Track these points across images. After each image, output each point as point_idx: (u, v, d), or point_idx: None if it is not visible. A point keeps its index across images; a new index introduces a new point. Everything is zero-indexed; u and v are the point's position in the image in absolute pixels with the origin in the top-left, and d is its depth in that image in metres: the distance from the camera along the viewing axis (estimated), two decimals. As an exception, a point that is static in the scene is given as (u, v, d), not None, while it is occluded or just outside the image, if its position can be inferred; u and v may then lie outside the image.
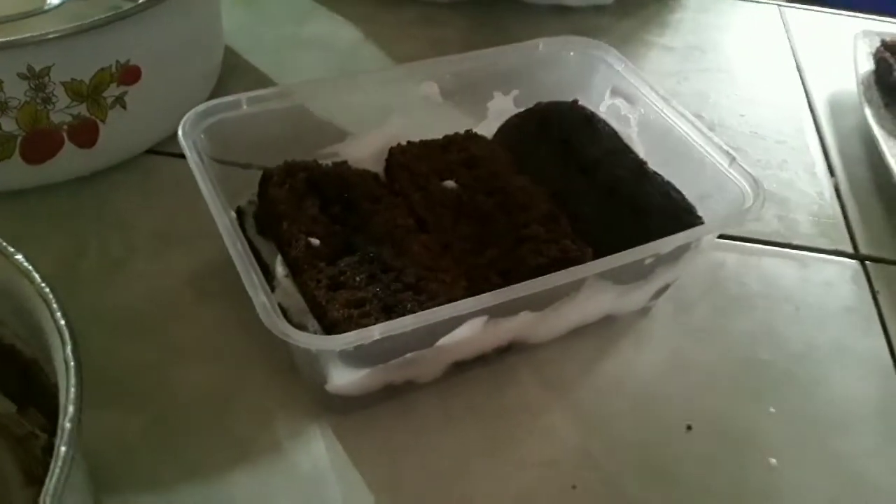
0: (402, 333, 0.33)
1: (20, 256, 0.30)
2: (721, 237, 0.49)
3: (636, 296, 0.42)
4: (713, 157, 0.43)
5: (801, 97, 0.63)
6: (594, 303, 0.41)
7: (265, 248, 0.40)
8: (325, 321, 0.36)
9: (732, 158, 0.42)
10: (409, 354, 0.36)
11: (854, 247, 0.50)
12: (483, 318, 0.36)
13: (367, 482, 0.35)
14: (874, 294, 0.47)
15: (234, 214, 0.41)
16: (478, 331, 0.36)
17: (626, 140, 0.47)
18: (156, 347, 0.40)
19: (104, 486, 0.33)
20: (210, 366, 0.39)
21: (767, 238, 0.50)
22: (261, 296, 0.32)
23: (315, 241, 0.39)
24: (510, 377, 0.40)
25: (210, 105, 0.41)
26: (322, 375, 0.35)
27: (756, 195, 0.40)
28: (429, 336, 0.35)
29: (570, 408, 0.39)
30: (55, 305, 0.28)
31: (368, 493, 0.35)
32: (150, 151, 0.50)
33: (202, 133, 0.40)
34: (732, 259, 0.49)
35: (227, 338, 0.40)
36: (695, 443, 0.39)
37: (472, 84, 0.48)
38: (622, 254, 0.37)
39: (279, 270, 0.38)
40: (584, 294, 0.39)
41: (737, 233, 0.50)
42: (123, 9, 0.43)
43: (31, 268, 0.29)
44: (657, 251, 0.38)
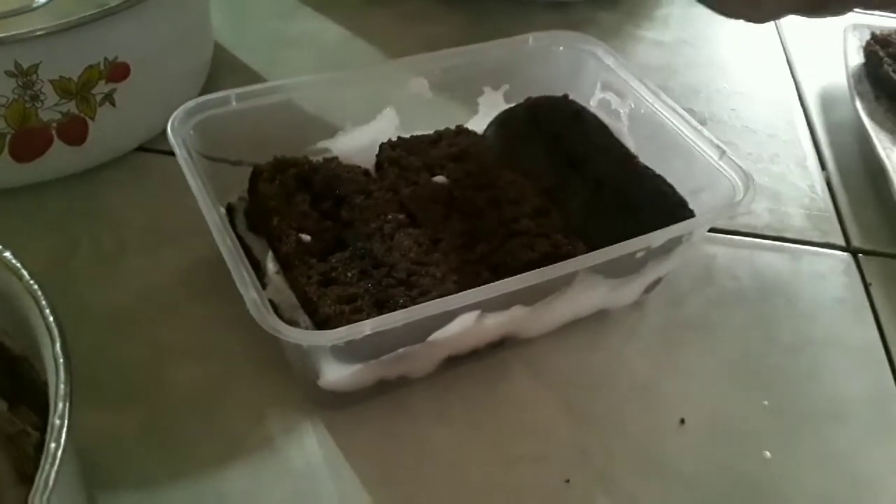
0: (394, 328, 0.33)
1: (8, 254, 0.29)
2: (713, 231, 0.49)
3: (628, 290, 0.42)
4: (704, 151, 0.43)
5: (792, 91, 0.63)
6: (586, 297, 0.41)
7: (256, 245, 0.40)
8: (317, 317, 0.35)
9: (723, 152, 0.42)
10: (402, 350, 0.36)
11: (846, 239, 0.51)
12: (475, 313, 0.36)
13: (360, 477, 0.35)
14: (866, 286, 0.48)
15: (225, 211, 0.41)
16: (470, 325, 0.36)
17: (617, 134, 0.47)
18: (147, 344, 0.40)
19: (96, 483, 0.33)
20: (202, 362, 0.39)
21: (759, 231, 0.50)
22: (251, 292, 0.32)
23: (306, 237, 0.39)
24: (503, 372, 0.40)
25: (199, 102, 0.41)
26: (314, 371, 0.35)
27: (747, 188, 0.40)
28: (420, 331, 0.35)
29: (563, 402, 0.39)
30: (44, 302, 0.28)
31: (361, 489, 0.35)
32: (141, 149, 0.50)
33: (191, 130, 0.40)
34: (724, 252, 0.49)
35: (219, 334, 0.40)
36: (688, 437, 0.39)
37: (463, 79, 0.48)
38: (613, 247, 0.37)
39: (270, 267, 0.38)
40: (576, 288, 0.39)
41: (728, 226, 0.50)
42: (111, 5, 0.43)
43: (20, 265, 0.29)
44: (648, 244, 0.38)
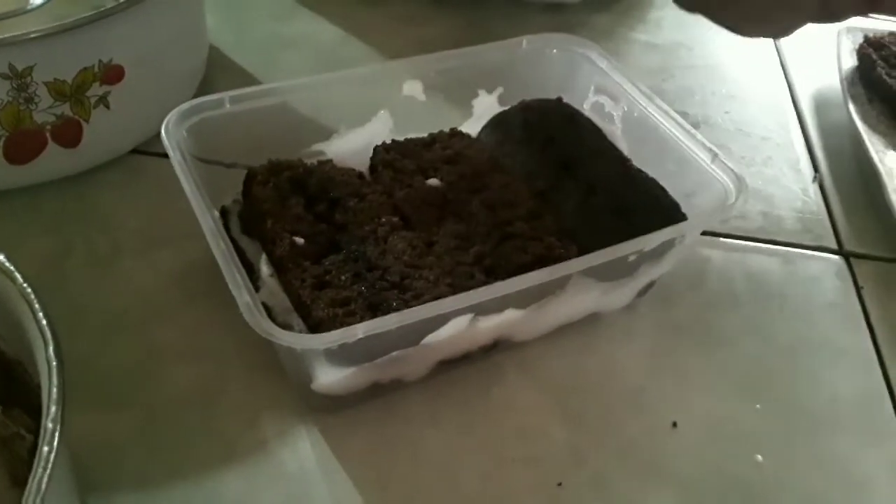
0: (387, 332, 0.33)
1: (2, 257, 0.29)
2: (706, 234, 0.49)
3: (621, 293, 0.43)
4: (696, 154, 0.43)
5: (786, 93, 0.63)
6: (579, 300, 0.41)
7: (250, 248, 0.40)
8: (310, 320, 0.36)
9: (715, 155, 0.42)
10: (395, 353, 0.36)
11: (838, 242, 0.51)
12: (468, 316, 0.36)
13: (354, 481, 0.35)
14: (858, 289, 0.48)
15: (219, 214, 0.41)
16: (463, 329, 0.36)
17: (610, 137, 0.47)
18: (141, 347, 0.40)
19: (90, 487, 0.33)
20: (196, 365, 0.39)
21: (752, 234, 0.50)
22: (244, 295, 0.32)
23: (299, 240, 0.39)
24: (496, 375, 0.40)
25: (193, 104, 0.41)
26: (308, 374, 0.35)
27: (739, 191, 0.40)
28: (414, 334, 0.35)
29: (556, 405, 0.40)
30: (37, 306, 0.28)
31: (355, 492, 0.35)
32: (135, 151, 0.50)
33: (185, 132, 0.40)
34: (717, 256, 0.49)
35: (213, 337, 0.40)
36: (680, 440, 0.39)
37: (457, 82, 0.48)
38: (606, 250, 0.37)
39: (264, 269, 0.38)
40: (569, 291, 0.39)
41: (721, 229, 0.50)
42: (106, 7, 0.43)
43: (13, 268, 0.29)
44: (641, 248, 0.38)
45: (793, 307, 0.46)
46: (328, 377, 0.35)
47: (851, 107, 0.57)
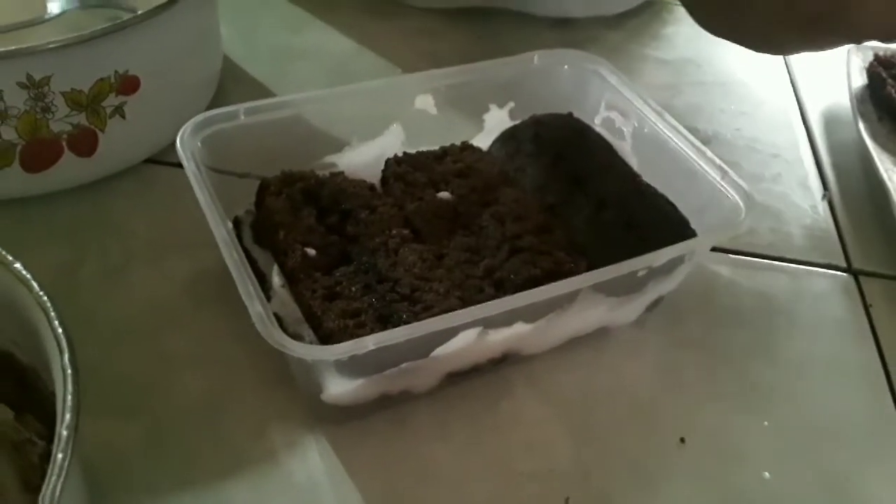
0: (397, 344, 0.33)
1: (19, 265, 0.30)
2: (715, 250, 0.49)
3: (630, 308, 0.43)
4: (706, 171, 0.43)
5: (796, 111, 0.64)
6: (588, 315, 0.41)
7: (262, 258, 0.40)
8: (321, 331, 0.36)
9: (724, 172, 0.42)
10: (404, 365, 0.36)
11: (847, 260, 0.51)
12: (477, 329, 0.36)
13: (362, 492, 0.36)
14: (867, 307, 0.48)
15: (231, 224, 0.41)
16: (472, 341, 0.37)
17: (621, 152, 0.48)
18: (153, 356, 0.40)
19: (100, 494, 0.34)
20: (207, 374, 0.39)
21: (761, 251, 0.51)
22: (256, 305, 0.33)
23: (311, 252, 0.39)
24: (505, 388, 0.41)
25: (208, 115, 0.41)
26: (318, 385, 0.35)
27: (748, 208, 0.41)
28: (423, 347, 0.36)
29: (564, 419, 0.40)
30: (53, 314, 0.28)
31: (363, 503, 0.35)
32: (149, 160, 0.50)
33: (200, 143, 0.40)
34: (726, 272, 0.49)
35: (224, 347, 0.40)
36: (688, 456, 0.39)
37: (468, 96, 0.48)
38: (615, 266, 0.37)
39: (275, 280, 0.39)
40: (578, 306, 0.39)
41: (730, 246, 0.50)
42: (123, 19, 0.44)
43: (30, 276, 0.30)
44: (650, 263, 0.38)
45: (801, 324, 0.46)
46: (338, 388, 0.35)
47: (861, 125, 0.57)
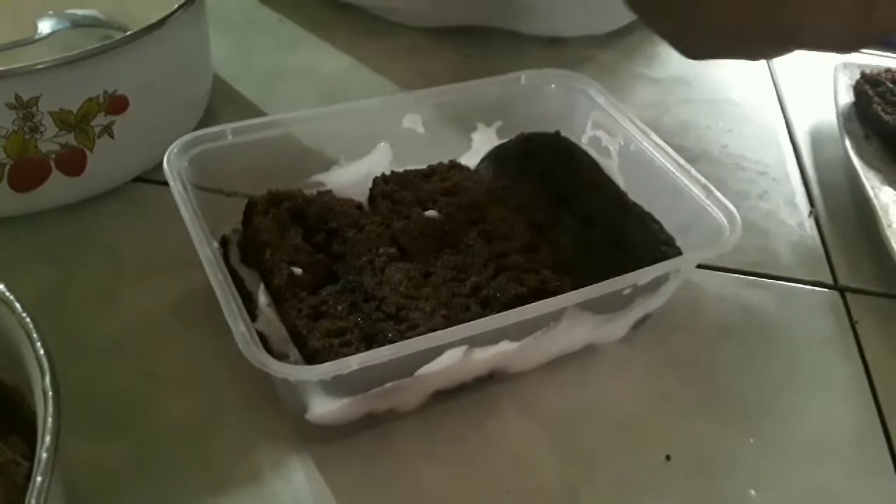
0: (382, 363, 0.34)
1: (2, 286, 0.30)
2: (701, 267, 0.50)
3: (616, 326, 0.43)
4: (691, 189, 0.44)
5: (783, 129, 0.64)
6: (574, 333, 0.41)
7: (249, 277, 0.41)
8: (306, 350, 0.36)
9: (709, 191, 0.43)
10: (389, 384, 0.36)
11: (833, 277, 0.51)
12: (463, 348, 0.36)
13: (346, 511, 0.36)
14: (853, 324, 0.48)
15: (218, 244, 0.41)
16: (457, 360, 0.37)
17: (607, 171, 0.48)
18: (138, 375, 0.40)
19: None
20: (193, 394, 0.39)
21: (748, 268, 0.51)
22: (240, 325, 0.33)
23: (297, 271, 0.39)
24: (491, 406, 0.41)
25: (195, 136, 0.41)
26: (302, 405, 0.35)
27: (732, 227, 0.41)
28: (408, 366, 0.36)
29: (551, 437, 0.40)
30: (35, 335, 0.28)
31: (347, 523, 0.35)
32: (138, 179, 0.50)
33: (187, 162, 0.41)
34: (712, 289, 0.49)
35: (211, 366, 0.40)
36: (674, 473, 0.39)
37: (456, 115, 0.49)
38: (601, 284, 0.37)
39: (261, 299, 0.39)
40: (564, 324, 0.39)
41: (717, 263, 0.50)
42: (113, 39, 0.44)
43: (13, 297, 0.30)
44: (635, 282, 0.39)
45: (788, 341, 0.46)
46: (322, 408, 0.35)
47: (848, 142, 0.57)
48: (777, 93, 0.68)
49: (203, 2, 0.52)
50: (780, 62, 0.72)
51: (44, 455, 0.25)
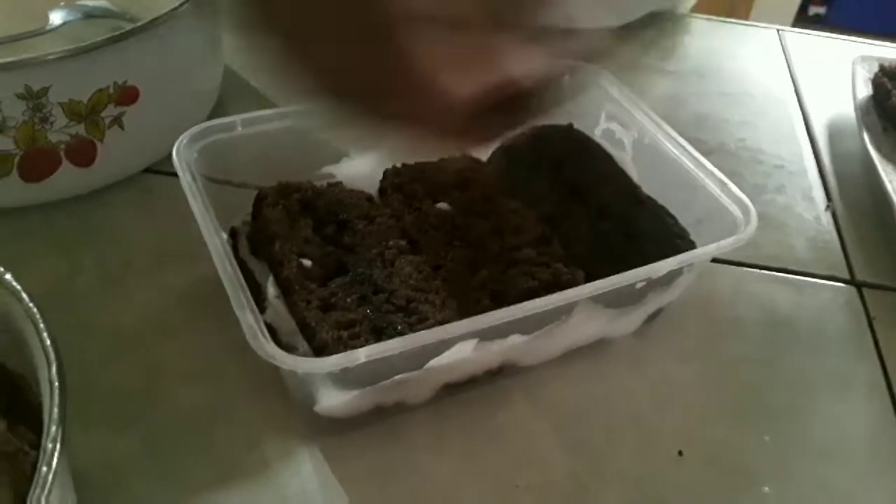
0: (391, 356, 0.33)
1: (9, 276, 0.30)
2: (716, 261, 0.49)
3: (629, 320, 0.42)
4: (706, 182, 0.43)
5: (800, 122, 0.63)
6: (586, 327, 0.40)
7: (258, 269, 0.40)
8: (315, 342, 0.36)
9: (724, 184, 0.42)
10: (399, 376, 0.36)
11: (850, 272, 0.50)
12: (473, 341, 0.36)
13: (355, 504, 0.35)
14: (870, 320, 0.47)
15: (227, 235, 0.41)
16: (468, 353, 0.36)
17: (621, 164, 0.47)
18: (148, 367, 0.40)
19: (91, 505, 0.33)
20: (200, 385, 0.39)
21: (763, 262, 0.50)
22: (248, 317, 0.32)
23: (307, 263, 0.39)
24: (501, 400, 0.40)
25: (205, 127, 0.41)
26: (311, 397, 0.35)
27: (747, 221, 0.40)
28: (417, 358, 0.35)
29: (561, 431, 0.39)
30: (42, 325, 0.28)
31: (356, 516, 0.35)
32: (148, 170, 0.50)
33: (197, 153, 0.40)
34: (727, 283, 0.48)
35: (220, 358, 0.40)
36: (686, 469, 0.38)
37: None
38: (614, 277, 0.37)
39: (270, 291, 0.39)
40: (576, 318, 0.39)
41: (732, 257, 0.50)
42: (123, 30, 0.44)
43: (20, 287, 0.30)
44: (649, 275, 0.38)
45: (803, 336, 0.46)
46: (331, 400, 0.35)
47: (866, 136, 0.57)
48: (794, 86, 0.67)
49: (214, -8, 0.52)
50: (798, 55, 0.71)
51: (49, 445, 0.25)
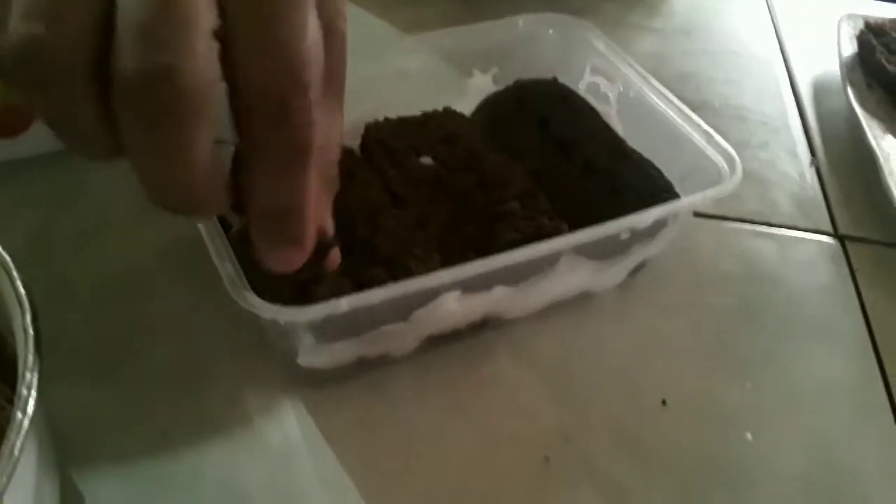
0: (374, 306, 0.33)
1: (-19, 227, 0.29)
2: (700, 216, 0.49)
3: (613, 272, 0.42)
4: (692, 135, 0.43)
5: (785, 79, 0.63)
6: (570, 278, 0.40)
7: (237, 222, 0.40)
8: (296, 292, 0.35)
9: (710, 136, 0.42)
10: (383, 328, 0.36)
11: (834, 226, 0.50)
12: (457, 292, 0.36)
13: (339, 457, 0.35)
14: (853, 273, 0.47)
15: (207, 189, 0.40)
16: (452, 305, 0.36)
17: (606, 118, 0.47)
18: (126, 323, 0.39)
19: (72, 459, 0.33)
20: (180, 341, 0.39)
21: (747, 217, 0.50)
22: (228, 266, 0.32)
23: (287, 216, 0.38)
24: (486, 352, 0.40)
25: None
26: (293, 349, 0.35)
27: (732, 171, 0.40)
28: (401, 309, 0.35)
29: (545, 383, 0.39)
30: (15, 273, 0.28)
31: (340, 469, 0.35)
32: (125, 127, 0.49)
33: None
34: (711, 238, 0.48)
35: (200, 313, 0.40)
36: (669, 418, 0.39)
37: (451, 61, 0.48)
38: (597, 228, 0.37)
39: (251, 245, 0.38)
40: (560, 269, 0.39)
41: (716, 212, 0.50)
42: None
43: (-8, 240, 0.29)
44: (633, 225, 0.38)
45: (787, 289, 0.46)
46: (314, 352, 0.35)
47: (850, 92, 0.57)
48: (780, 44, 0.67)
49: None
50: (784, 13, 0.71)
51: (24, 392, 0.25)
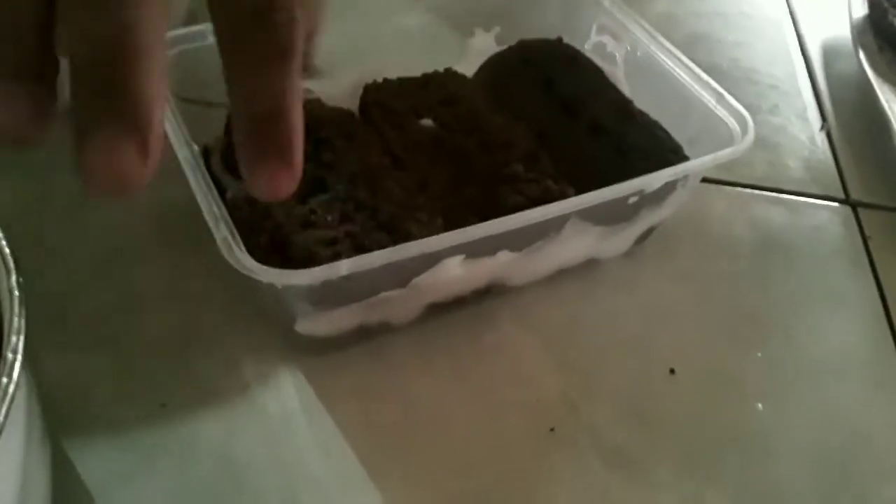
0: (374, 271, 0.32)
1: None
2: (709, 181, 0.48)
3: (620, 238, 0.41)
4: (701, 96, 0.41)
5: (795, 43, 0.61)
6: (576, 244, 0.39)
7: (233, 186, 0.38)
8: (294, 254, 0.34)
9: (720, 95, 0.40)
10: (383, 294, 0.34)
11: (845, 192, 0.49)
12: (460, 257, 0.35)
13: (339, 425, 0.34)
14: (865, 239, 0.46)
15: (200, 152, 0.39)
16: (453, 270, 0.35)
17: (612, 78, 0.45)
18: (119, 291, 0.38)
19: (65, 428, 0.32)
20: (175, 308, 0.38)
21: (757, 182, 0.49)
22: (223, 229, 0.31)
23: (284, 178, 0.37)
24: (489, 320, 0.39)
25: (172, 35, 0.39)
26: (291, 315, 0.34)
27: (745, 132, 0.39)
28: (402, 274, 0.34)
29: (551, 351, 0.38)
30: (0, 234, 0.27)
31: (340, 437, 0.34)
32: (117, 90, 0.48)
33: (166, 65, 0.38)
34: (721, 204, 0.47)
35: (195, 279, 0.39)
36: (677, 387, 0.38)
37: (452, 20, 0.46)
38: (603, 191, 0.36)
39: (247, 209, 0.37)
40: (565, 235, 0.38)
41: (725, 177, 0.48)
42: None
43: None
44: (642, 188, 0.37)
45: (797, 256, 0.45)
46: (312, 318, 0.34)
47: (861, 54, 0.55)
48: (789, 6, 0.65)
49: None
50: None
51: (9, 356, 0.24)
